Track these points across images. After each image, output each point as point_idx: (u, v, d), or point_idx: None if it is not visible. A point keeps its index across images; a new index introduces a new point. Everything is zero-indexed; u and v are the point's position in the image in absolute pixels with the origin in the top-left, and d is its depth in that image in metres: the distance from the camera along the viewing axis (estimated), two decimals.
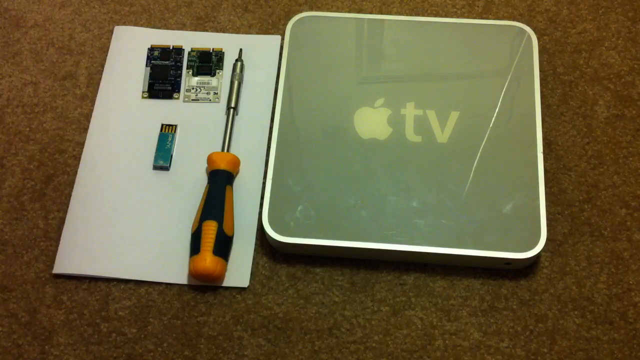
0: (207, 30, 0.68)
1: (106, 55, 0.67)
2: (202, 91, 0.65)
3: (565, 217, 0.59)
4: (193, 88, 0.65)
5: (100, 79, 0.66)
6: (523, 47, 0.63)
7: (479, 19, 0.67)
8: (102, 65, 0.66)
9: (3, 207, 0.60)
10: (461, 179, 0.58)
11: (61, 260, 0.58)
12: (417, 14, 0.68)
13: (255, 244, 0.58)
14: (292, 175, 0.58)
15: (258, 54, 0.67)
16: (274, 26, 0.68)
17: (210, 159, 0.60)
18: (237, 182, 0.61)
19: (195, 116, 0.64)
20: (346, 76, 0.63)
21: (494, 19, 0.67)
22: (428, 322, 0.55)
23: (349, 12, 0.69)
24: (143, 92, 0.65)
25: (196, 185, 0.60)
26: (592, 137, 0.62)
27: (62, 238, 0.58)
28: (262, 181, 0.61)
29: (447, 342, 0.55)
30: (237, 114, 0.63)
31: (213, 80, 0.65)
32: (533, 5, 0.69)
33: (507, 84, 0.62)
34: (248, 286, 0.57)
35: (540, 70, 0.63)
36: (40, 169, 0.62)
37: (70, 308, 0.56)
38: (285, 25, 0.67)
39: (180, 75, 0.66)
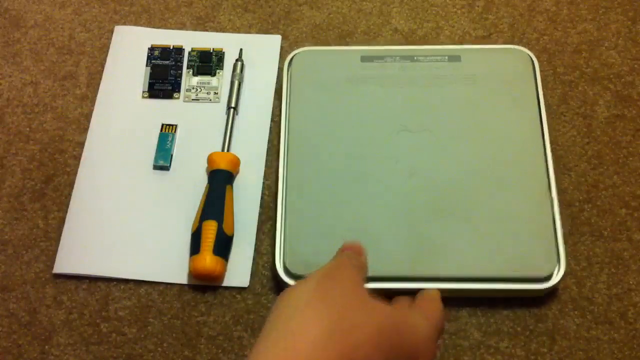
0: (207, 30, 0.68)
1: (106, 55, 0.67)
2: (203, 91, 0.65)
3: (565, 217, 0.59)
4: (193, 88, 0.65)
5: (100, 79, 0.66)
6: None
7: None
8: (102, 65, 0.66)
9: (3, 207, 0.60)
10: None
11: (61, 260, 0.58)
12: (417, 14, 0.68)
13: (256, 244, 0.58)
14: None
15: (258, 53, 0.67)
16: (274, 26, 0.68)
17: (210, 159, 0.60)
18: (237, 182, 0.61)
19: (196, 116, 0.64)
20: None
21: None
22: None
23: (348, 12, 0.69)
24: (143, 92, 0.65)
25: (196, 185, 0.60)
26: (592, 137, 0.62)
27: (62, 238, 0.58)
28: (262, 181, 0.61)
29: (447, 342, 0.55)
30: (237, 114, 0.63)
31: (213, 80, 0.65)
32: (533, 5, 0.69)
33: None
34: (248, 286, 0.57)
35: (540, 70, 0.63)
36: (40, 169, 0.62)
37: (70, 308, 0.56)
38: (285, 25, 0.67)
39: (180, 75, 0.66)
